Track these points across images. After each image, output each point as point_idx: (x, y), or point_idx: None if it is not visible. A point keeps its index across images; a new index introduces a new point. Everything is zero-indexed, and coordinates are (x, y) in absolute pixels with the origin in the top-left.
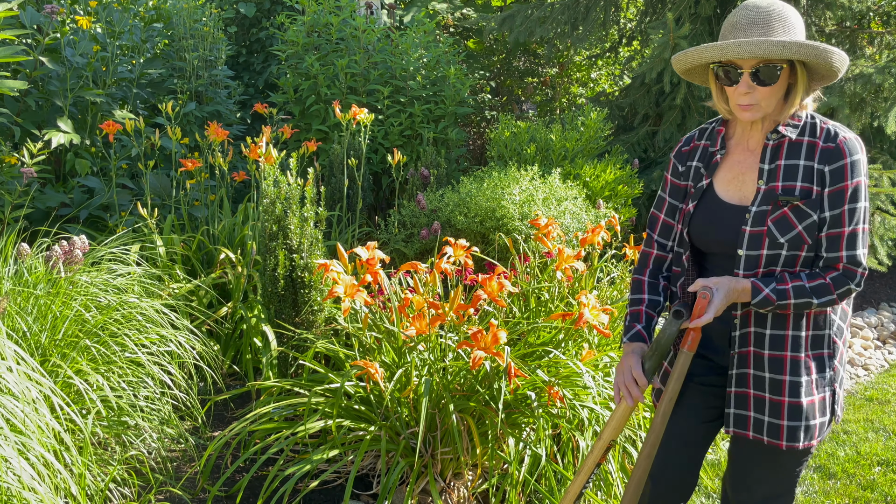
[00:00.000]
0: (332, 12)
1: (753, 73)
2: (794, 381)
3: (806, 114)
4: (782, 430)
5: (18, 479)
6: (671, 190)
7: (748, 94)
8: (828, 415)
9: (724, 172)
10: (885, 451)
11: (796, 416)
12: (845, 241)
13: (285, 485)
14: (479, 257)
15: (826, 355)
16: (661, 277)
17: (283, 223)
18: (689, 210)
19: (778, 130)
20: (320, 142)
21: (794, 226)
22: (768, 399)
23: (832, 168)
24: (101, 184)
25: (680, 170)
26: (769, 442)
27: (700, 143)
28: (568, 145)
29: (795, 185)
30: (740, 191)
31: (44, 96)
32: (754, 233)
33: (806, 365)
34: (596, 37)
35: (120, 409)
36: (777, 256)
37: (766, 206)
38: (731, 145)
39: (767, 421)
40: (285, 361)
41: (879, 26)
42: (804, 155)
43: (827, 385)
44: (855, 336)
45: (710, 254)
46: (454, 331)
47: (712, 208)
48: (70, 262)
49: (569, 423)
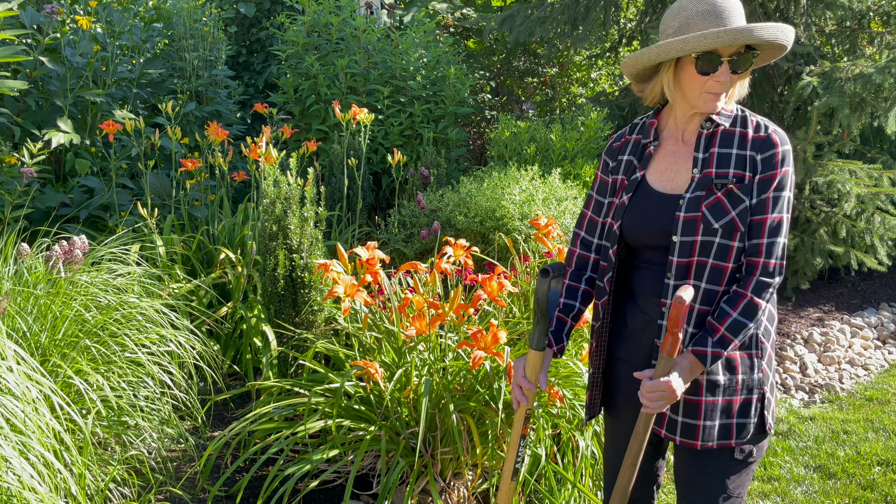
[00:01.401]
0: (332, 12)
1: (731, 61)
2: (711, 381)
3: (735, 106)
4: (698, 430)
5: (19, 478)
6: (599, 187)
7: (722, 83)
8: (753, 418)
9: (657, 164)
10: (885, 451)
11: (711, 416)
12: (767, 229)
13: (285, 485)
14: (479, 257)
15: (754, 356)
16: (582, 280)
17: (283, 223)
18: (623, 203)
19: (712, 119)
20: (320, 142)
21: (727, 211)
22: (683, 399)
23: (764, 156)
24: (101, 184)
25: (610, 165)
26: (682, 442)
27: (631, 138)
28: (568, 145)
29: (728, 172)
30: (673, 181)
31: (44, 96)
32: (688, 219)
33: (731, 364)
34: (596, 37)
35: (120, 409)
36: (710, 244)
37: (700, 192)
38: (664, 137)
39: (682, 421)
40: (285, 361)
41: (879, 26)
42: (737, 144)
43: (756, 387)
44: (855, 336)
45: (639, 250)
46: (454, 331)
47: (646, 199)
48: (70, 262)
49: (569, 423)
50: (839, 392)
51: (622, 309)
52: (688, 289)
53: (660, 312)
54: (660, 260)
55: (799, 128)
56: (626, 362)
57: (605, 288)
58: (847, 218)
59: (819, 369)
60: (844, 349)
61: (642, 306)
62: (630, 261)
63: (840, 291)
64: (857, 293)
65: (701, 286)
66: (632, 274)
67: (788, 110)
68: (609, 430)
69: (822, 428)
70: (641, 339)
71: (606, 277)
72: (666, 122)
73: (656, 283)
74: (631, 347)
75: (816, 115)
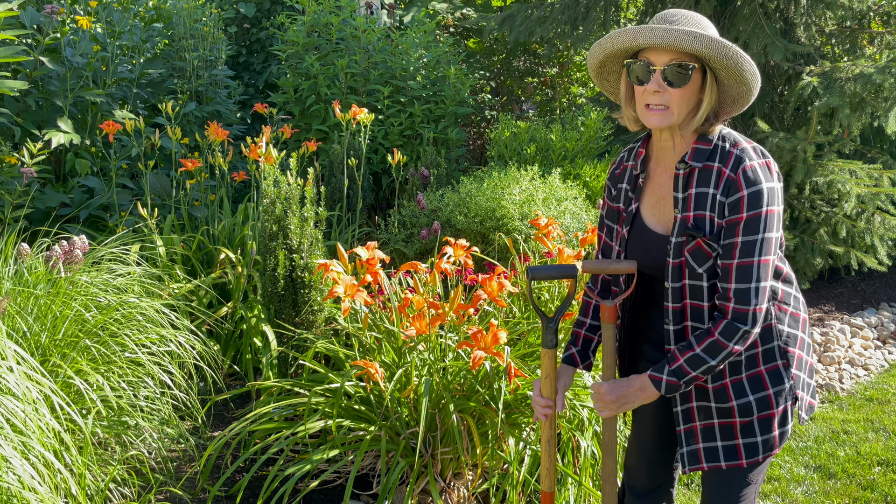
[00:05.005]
0: (332, 12)
1: (664, 71)
2: (742, 404)
3: (718, 135)
4: (739, 449)
5: (19, 478)
6: (608, 213)
7: (658, 94)
8: (789, 424)
9: (648, 197)
10: (885, 451)
11: (750, 433)
12: (734, 274)
13: (285, 485)
14: (479, 257)
15: (781, 366)
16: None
17: (283, 223)
18: (623, 235)
19: (685, 161)
20: (320, 142)
21: (708, 256)
22: (717, 424)
23: (730, 200)
24: (101, 184)
25: (613, 193)
26: (728, 465)
27: (628, 165)
28: (568, 145)
29: (705, 215)
30: (663, 216)
31: (44, 96)
32: (675, 264)
33: (759, 381)
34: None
35: (120, 409)
36: (699, 288)
37: (681, 238)
38: (651, 167)
39: (721, 445)
40: (285, 361)
41: (879, 26)
42: (713, 182)
43: (788, 395)
44: (855, 336)
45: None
46: (454, 331)
47: (641, 234)
48: (70, 262)
49: (569, 423)
50: (839, 392)
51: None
52: None
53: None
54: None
55: (799, 128)
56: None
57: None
58: (847, 218)
59: (819, 369)
60: (844, 349)
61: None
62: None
63: (840, 291)
64: (857, 293)
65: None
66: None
67: (788, 110)
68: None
69: (822, 428)
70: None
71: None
72: (652, 150)
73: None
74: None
75: (816, 115)
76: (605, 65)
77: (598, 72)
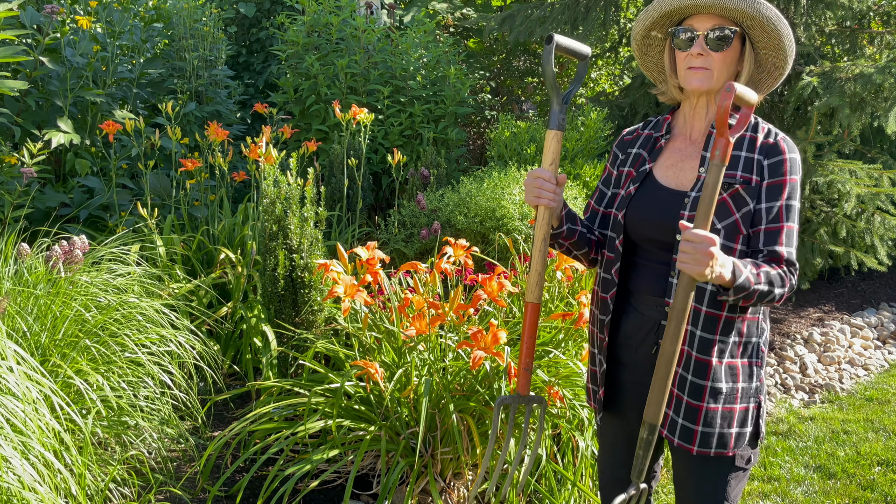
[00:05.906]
0: (332, 12)
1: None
2: (714, 388)
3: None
4: (695, 435)
5: (19, 479)
6: (605, 179)
7: (701, 57)
8: (749, 427)
9: (665, 159)
10: (885, 451)
11: (711, 423)
12: (784, 237)
13: (285, 485)
14: (479, 257)
15: (754, 364)
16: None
17: (283, 223)
18: (629, 193)
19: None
20: (320, 142)
21: (732, 212)
22: (686, 402)
23: (771, 162)
24: (101, 184)
25: (620, 157)
26: (679, 444)
27: (644, 133)
28: (568, 145)
29: (736, 174)
30: (679, 177)
31: (44, 96)
32: (693, 218)
33: (732, 371)
34: (596, 37)
35: (120, 409)
36: None
37: None
38: (675, 134)
39: (681, 423)
40: (285, 361)
41: (880, 26)
42: (746, 147)
43: (752, 396)
44: (855, 336)
45: (641, 246)
46: (454, 331)
47: (651, 192)
48: (70, 262)
49: (569, 423)
50: (839, 392)
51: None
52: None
53: (662, 313)
54: (661, 258)
55: (799, 128)
56: (627, 364)
57: (613, 279)
58: (847, 218)
59: (819, 369)
60: (844, 349)
61: (642, 307)
62: (631, 259)
63: (840, 291)
64: (857, 293)
65: (707, 288)
66: (632, 273)
67: (788, 110)
68: (608, 432)
69: (822, 428)
70: (643, 341)
71: (614, 269)
72: (677, 120)
73: (658, 282)
74: (631, 350)
75: (816, 115)
76: (648, 35)
77: (641, 43)
